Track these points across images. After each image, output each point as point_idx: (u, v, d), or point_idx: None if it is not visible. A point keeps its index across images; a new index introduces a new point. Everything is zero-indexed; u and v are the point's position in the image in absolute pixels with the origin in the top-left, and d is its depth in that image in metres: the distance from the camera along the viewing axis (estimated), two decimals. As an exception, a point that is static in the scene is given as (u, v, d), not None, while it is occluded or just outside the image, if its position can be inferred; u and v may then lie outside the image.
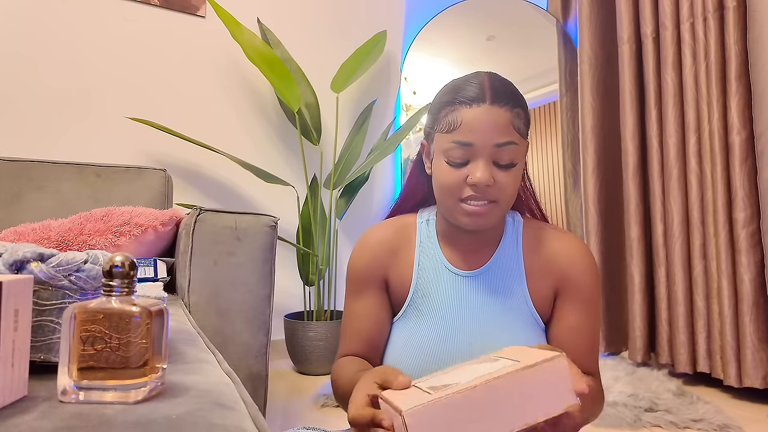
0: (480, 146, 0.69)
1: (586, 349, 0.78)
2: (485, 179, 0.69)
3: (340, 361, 0.82)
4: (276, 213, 2.26)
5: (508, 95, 0.71)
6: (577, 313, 0.77)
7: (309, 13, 2.46)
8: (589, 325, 0.78)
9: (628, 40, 2.15)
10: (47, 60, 1.92)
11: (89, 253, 0.56)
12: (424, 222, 0.84)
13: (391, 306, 0.84)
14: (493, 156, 0.70)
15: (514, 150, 0.70)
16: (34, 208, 1.49)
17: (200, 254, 1.17)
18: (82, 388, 0.44)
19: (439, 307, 0.78)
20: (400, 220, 0.86)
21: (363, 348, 0.82)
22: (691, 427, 1.50)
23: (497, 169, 0.70)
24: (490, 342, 0.75)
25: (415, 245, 0.82)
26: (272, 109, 2.36)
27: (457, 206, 0.72)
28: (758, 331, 1.70)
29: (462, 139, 0.70)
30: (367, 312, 0.82)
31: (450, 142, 0.71)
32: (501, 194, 0.71)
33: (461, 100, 0.70)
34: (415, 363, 0.76)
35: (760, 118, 1.68)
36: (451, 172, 0.71)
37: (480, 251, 0.80)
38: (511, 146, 0.70)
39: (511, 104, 0.70)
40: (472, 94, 0.70)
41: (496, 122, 0.69)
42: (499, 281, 0.78)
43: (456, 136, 0.70)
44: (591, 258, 0.79)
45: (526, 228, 0.81)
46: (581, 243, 0.80)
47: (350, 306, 0.83)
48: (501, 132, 0.69)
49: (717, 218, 1.82)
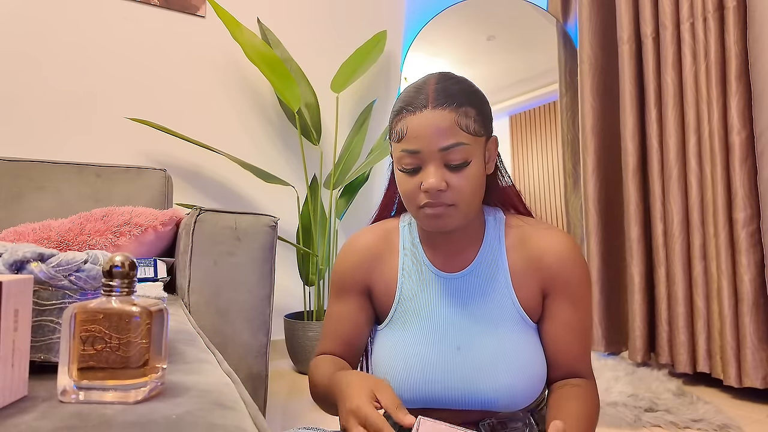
0: (426, 152, 0.69)
1: (578, 347, 0.77)
2: (435, 185, 0.68)
3: (318, 359, 0.83)
4: (276, 213, 2.26)
5: (452, 95, 0.70)
6: (568, 310, 0.77)
7: (309, 13, 2.46)
8: (580, 323, 0.77)
9: (628, 40, 2.14)
10: (47, 60, 1.92)
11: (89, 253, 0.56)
12: (406, 225, 0.84)
13: (372, 312, 0.84)
14: (442, 159, 0.69)
15: (465, 150, 0.69)
16: (34, 208, 1.49)
17: (200, 254, 1.18)
18: (82, 388, 0.44)
19: (426, 310, 0.78)
20: (383, 225, 0.86)
21: (340, 348, 0.83)
22: (691, 427, 1.50)
23: (450, 172, 0.70)
24: (477, 344, 0.75)
25: (399, 250, 0.82)
26: (272, 109, 2.36)
27: (418, 213, 0.73)
28: (758, 331, 1.70)
29: (408, 147, 0.70)
30: (347, 315, 0.83)
31: (400, 151, 0.71)
32: (457, 196, 0.70)
33: (407, 108, 0.71)
34: (404, 367, 0.75)
35: (760, 118, 1.68)
36: (406, 180, 0.72)
37: (463, 252, 0.79)
38: (458, 147, 0.69)
39: (455, 104, 0.69)
40: (415, 100, 0.70)
41: (437, 126, 0.68)
42: (484, 281, 0.78)
43: (403, 145, 0.70)
44: (578, 253, 0.78)
45: (508, 226, 0.81)
46: (567, 238, 0.79)
47: (332, 308, 0.85)
48: (444, 135, 0.68)
49: (717, 218, 1.82)
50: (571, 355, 0.77)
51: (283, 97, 2.08)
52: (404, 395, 0.75)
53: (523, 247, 0.79)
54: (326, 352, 0.84)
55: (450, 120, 0.69)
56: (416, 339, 0.77)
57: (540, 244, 0.78)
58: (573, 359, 0.77)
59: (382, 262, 0.82)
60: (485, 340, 0.75)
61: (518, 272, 0.78)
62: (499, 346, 0.74)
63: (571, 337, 0.77)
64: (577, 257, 0.77)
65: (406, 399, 0.75)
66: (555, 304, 0.77)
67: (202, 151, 2.16)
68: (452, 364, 0.74)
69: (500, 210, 0.83)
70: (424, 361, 0.75)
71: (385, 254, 0.82)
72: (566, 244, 0.77)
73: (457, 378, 0.73)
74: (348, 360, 0.83)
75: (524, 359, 0.74)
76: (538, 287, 0.78)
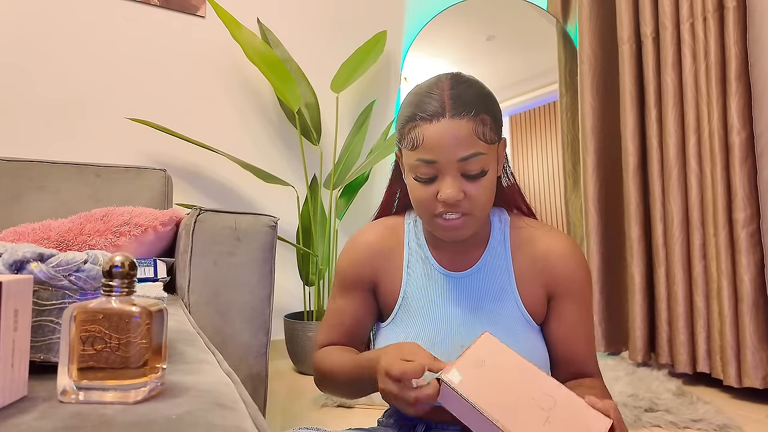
0: (444, 162, 0.67)
1: (585, 347, 0.78)
2: (454, 196, 0.67)
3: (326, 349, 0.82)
4: (276, 213, 2.26)
5: (469, 103, 0.67)
6: (574, 311, 0.77)
7: (309, 13, 2.46)
8: (585, 323, 0.78)
9: (628, 40, 2.14)
10: (47, 60, 1.91)
11: (89, 253, 0.56)
12: (411, 223, 0.84)
13: (374, 308, 0.84)
14: (460, 169, 0.68)
15: (482, 159, 0.68)
16: (34, 208, 1.49)
17: (200, 254, 1.17)
18: (81, 388, 0.44)
19: (430, 308, 0.78)
20: (387, 221, 0.85)
21: (343, 341, 0.83)
22: (691, 427, 1.50)
23: (467, 182, 0.69)
24: None
25: (404, 247, 0.82)
26: (272, 109, 2.36)
27: (432, 221, 0.72)
28: (758, 331, 1.70)
29: (425, 156, 0.68)
30: (349, 310, 0.82)
31: (415, 160, 0.69)
32: (474, 206, 0.70)
33: (421, 115, 0.68)
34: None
35: (760, 118, 1.68)
36: (421, 189, 0.71)
37: (468, 252, 0.80)
38: (477, 158, 0.67)
39: (473, 112, 0.67)
40: (431, 108, 0.67)
41: (457, 136, 0.66)
42: (489, 282, 0.78)
43: (419, 154, 0.68)
44: (581, 254, 0.79)
45: (513, 227, 0.81)
46: (569, 240, 0.80)
47: (334, 302, 0.84)
48: (464, 145, 0.67)
49: (717, 218, 1.82)
50: (579, 355, 0.78)
51: (283, 97, 2.08)
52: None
53: (527, 249, 0.79)
54: (329, 343, 0.84)
55: (468, 129, 0.67)
56: (420, 336, 0.77)
57: (543, 246, 0.78)
58: (581, 359, 0.78)
59: (386, 259, 0.82)
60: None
61: (522, 273, 0.78)
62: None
63: (578, 337, 0.78)
64: (580, 258, 0.78)
65: None
66: (561, 305, 0.78)
67: (202, 151, 2.16)
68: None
69: (504, 211, 0.83)
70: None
71: (389, 251, 0.82)
72: (569, 246, 0.78)
73: None
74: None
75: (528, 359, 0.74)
76: (542, 288, 0.78)
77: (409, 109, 0.70)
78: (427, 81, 0.72)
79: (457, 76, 0.72)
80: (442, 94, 0.68)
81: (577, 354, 0.78)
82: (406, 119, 0.70)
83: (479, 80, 0.73)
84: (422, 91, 0.70)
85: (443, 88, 0.69)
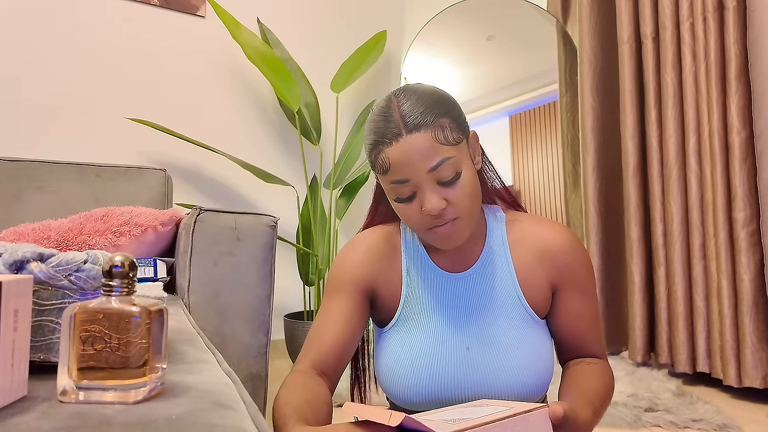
0: (416, 178, 0.68)
1: (592, 333, 0.79)
2: (436, 206, 0.68)
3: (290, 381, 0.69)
4: (276, 213, 2.26)
5: (421, 114, 0.67)
6: (577, 300, 0.78)
7: (309, 13, 2.46)
8: (591, 310, 0.79)
9: (628, 40, 2.14)
10: (47, 60, 1.91)
11: (89, 253, 0.56)
12: (407, 228, 0.84)
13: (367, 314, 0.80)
14: (434, 179, 0.68)
15: (452, 162, 0.68)
16: (34, 208, 1.49)
17: (200, 254, 1.17)
18: (81, 388, 0.45)
19: (432, 310, 0.78)
20: (383, 228, 0.85)
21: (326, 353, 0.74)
22: (690, 427, 1.50)
23: (445, 188, 0.69)
24: (487, 344, 0.75)
25: (401, 251, 0.82)
26: (272, 109, 2.36)
27: (427, 234, 0.72)
28: (758, 331, 1.70)
29: (397, 177, 0.69)
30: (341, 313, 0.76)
31: (389, 183, 0.70)
32: (459, 209, 0.70)
33: (380, 141, 0.69)
34: (411, 369, 0.74)
35: (760, 118, 1.68)
36: (406, 208, 0.71)
37: (466, 252, 0.80)
38: (445, 163, 0.68)
39: (428, 121, 0.67)
40: (388, 130, 0.68)
41: (419, 150, 0.67)
42: (490, 280, 0.78)
43: (391, 177, 0.69)
44: (580, 243, 0.80)
45: (509, 223, 0.81)
46: (566, 230, 0.80)
47: (324, 309, 0.79)
48: (428, 156, 0.67)
49: (717, 218, 1.82)
50: (586, 341, 0.80)
51: (283, 97, 2.08)
52: (412, 398, 0.74)
53: (525, 243, 0.79)
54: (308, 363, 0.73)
55: (427, 140, 0.67)
56: (424, 340, 0.76)
57: (542, 238, 0.79)
58: (587, 344, 0.80)
59: (385, 264, 0.81)
60: (494, 339, 0.75)
61: (523, 268, 0.78)
62: (508, 344, 0.74)
63: (585, 327, 0.79)
64: (580, 247, 0.79)
65: (413, 401, 0.75)
66: (566, 296, 0.78)
67: (202, 151, 2.16)
68: (462, 364, 0.74)
69: (499, 208, 0.84)
70: (432, 362, 0.74)
71: (388, 255, 0.81)
72: (567, 236, 0.79)
73: (467, 378, 0.74)
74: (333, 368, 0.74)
75: (534, 357, 0.75)
76: (546, 281, 0.78)
77: (371, 137, 0.71)
78: (380, 104, 0.73)
79: (405, 90, 0.71)
80: (393, 114, 0.69)
81: (584, 341, 0.79)
82: (371, 147, 0.71)
83: (430, 86, 0.73)
84: (377, 116, 0.71)
85: (393, 107, 0.69)
